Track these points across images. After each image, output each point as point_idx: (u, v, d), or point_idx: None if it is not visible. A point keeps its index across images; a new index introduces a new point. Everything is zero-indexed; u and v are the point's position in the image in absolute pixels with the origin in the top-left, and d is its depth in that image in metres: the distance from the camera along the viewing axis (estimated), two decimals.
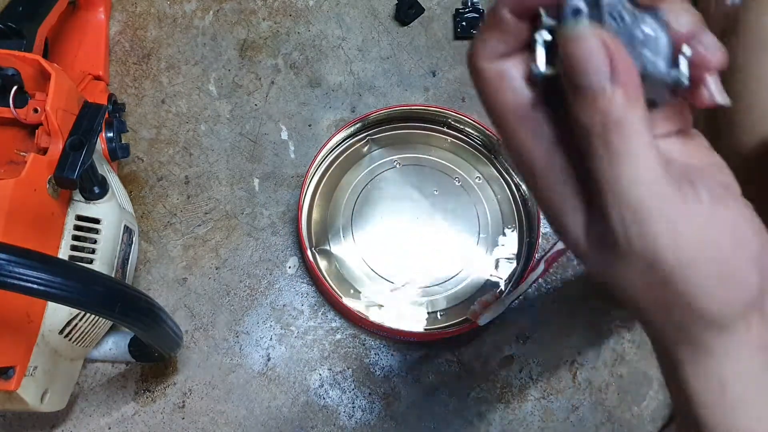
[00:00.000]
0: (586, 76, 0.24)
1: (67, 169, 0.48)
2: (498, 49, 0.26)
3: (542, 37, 0.25)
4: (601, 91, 0.23)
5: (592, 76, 0.23)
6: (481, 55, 0.27)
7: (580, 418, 0.66)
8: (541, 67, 0.25)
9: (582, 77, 0.24)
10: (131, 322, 0.45)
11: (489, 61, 0.26)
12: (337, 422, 0.64)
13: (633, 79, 0.24)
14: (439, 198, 0.70)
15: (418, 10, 0.78)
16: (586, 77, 0.24)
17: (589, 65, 0.23)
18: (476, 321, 0.63)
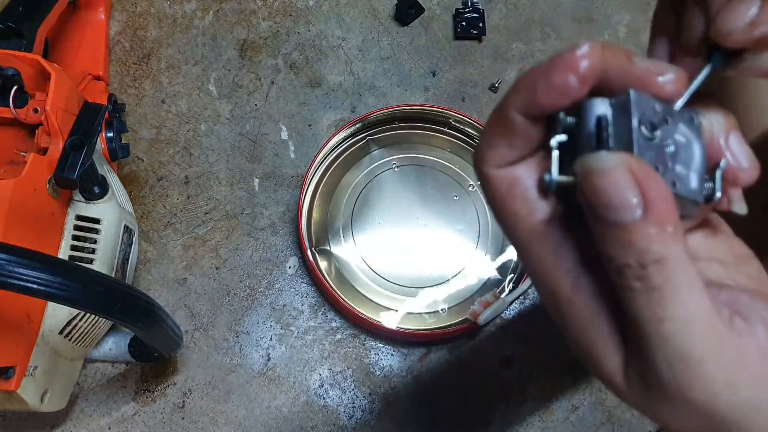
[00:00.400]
0: (615, 210, 0.20)
1: (67, 169, 0.48)
2: (508, 156, 0.23)
3: (557, 140, 0.22)
4: (635, 227, 0.20)
5: (623, 211, 0.20)
6: (488, 162, 0.23)
7: (580, 418, 0.66)
8: (554, 175, 0.22)
9: (610, 212, 0.20)
10: (131, 322, 0.45)
11: (498, 168, 0.23)
12: (337, 422, 0.64)
13: (671, 211, 0.20)
14: (439, 198, 0.70)
15: (418, 10, 0.78)
16: (614, 212, 0.20)
17: (619, 199, 0.20)
18: (476, 321, 0.63)
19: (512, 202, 0.23)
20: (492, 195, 0.24)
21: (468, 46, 0.78)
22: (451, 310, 0.67)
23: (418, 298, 0.67)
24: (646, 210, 0.20)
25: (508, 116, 0.23)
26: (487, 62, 0.77)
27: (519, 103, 0.22)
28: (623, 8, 0.81)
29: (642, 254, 0.20)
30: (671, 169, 0.22)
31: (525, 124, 0.23)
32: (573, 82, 0.21)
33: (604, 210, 0.20)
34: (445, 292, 0.67)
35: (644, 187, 0.20)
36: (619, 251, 0.20)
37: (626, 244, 0.20)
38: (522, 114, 0.22)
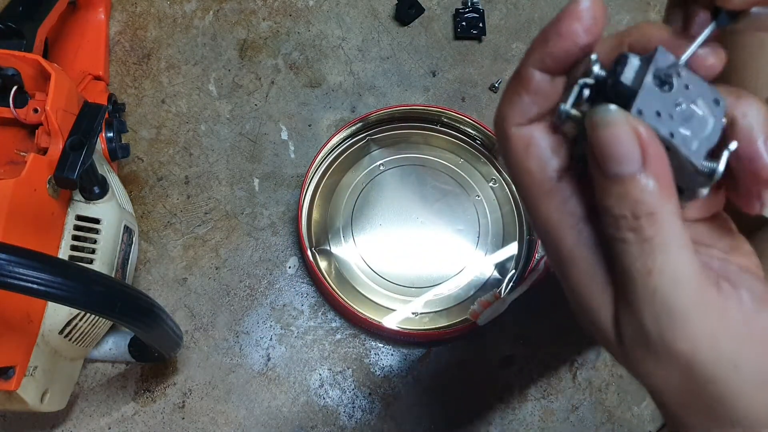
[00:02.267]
0: (617, 163, 0.22)
1: (67, 169, 0.48)
2: (527, 112, 0.25)
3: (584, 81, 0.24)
4: (631, 180, 0.22)
5: (623, 163, 0.22)
6: (509, 119, 0.25)
7: (580, 418, 0.66)
8: (568, 106, 0.24)
9: (612, 164, 0.22)
10: (131, 322, 0.45)
11: (518, 126, 0.25)
12: (337, 422, 0.64)
13: (666, 170, 0.22)
14: (438, 198, 0.70)
15: (418, 10, 0.78)
16: (616, 164, 0.22)
17: (620, 152, 0.22)
18: (476, 321, 0.63)
19: (527, 160, 0.25)
20: (510, 153, 0.25)
21: (468, 46, 0.78)
22: (451, 310, 0.67)
23: (418, 298, 0.67)
24: (644, 165, 0.22)
25: (526, 73, 0.24)
26: (487, 62, 0.77)
27: (535, 59, 0.24)
28: (623, 8, 0.81)
29: (636, 205, 0.22)
30: (676, 123, 0.23)
31: (542, 79, 0.24)
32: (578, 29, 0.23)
33: (606, 161, 0.22)
34: (445, 292, 0.67)
35: (644, 144, 0.22)
36: (615, 202, 0.22)
37: (623, 195, 0.22)
38: (538, 69, 0.24)
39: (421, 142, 0.73)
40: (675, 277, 0.22)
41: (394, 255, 0.68)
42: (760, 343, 0.23)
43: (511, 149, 0.25)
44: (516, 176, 0.25)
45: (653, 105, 0.23)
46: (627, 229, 0.22)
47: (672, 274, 0.22)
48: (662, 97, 0.23)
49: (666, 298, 0.22)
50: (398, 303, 0.67)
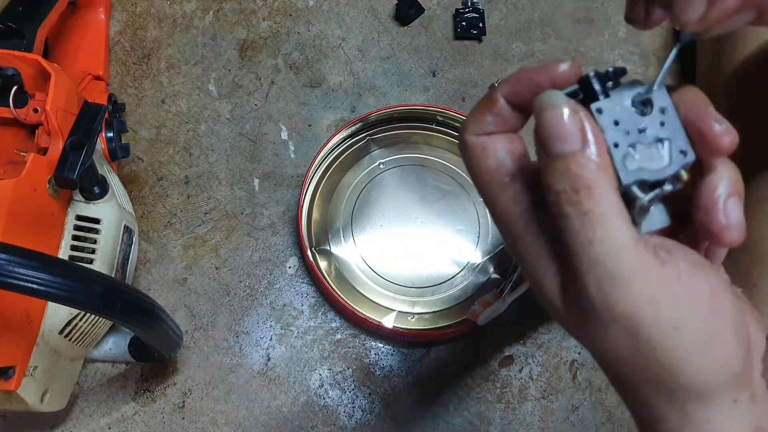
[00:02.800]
0: (559, 141, 0.24)
1: (67, 169, 0.48)
2: (485, 127, 0.28)
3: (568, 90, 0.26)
4: (571, 155, 0.24)
5: (564, 141, 0.24)
6: (469, 130, 0.28)
7: (580, 418, 0.66)
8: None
9: (554, 143, 0.24)
10: (131, 322, 0.45)
11: (475, 136, 0.28)
12: (337, 422, 0.64)
13: (602, 148, 0.24)
14: (438, 198, 0.70)
15: (418, 10, 0.78)
16: (558, 143, 0.24)
17: (562, 131, 0.24)
18: (476, 321, 0.63)
19: (485, 159, 0.28)
20: (469, 156, 0.29)
21: (468, 46, 0.78)
22: (451, 310, 0.67)
23: (418, 298, 0.67)
24: (583, 144, 0.24)
25: (494, 96, 0.28)
26: (487, 62, 0.77)
27: (504, 89, 0.28)
28: (623, 8, 0.81)
29: (575, 180, 0.24)
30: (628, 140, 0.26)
31: (505, 106, 0.28)
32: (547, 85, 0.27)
33: (548, 140, 0.24)
34: (445, 292, 0.67)
35: (583, 125, 0.24)
36: (557, 178, 0.24)
37: (563, 171, 0.24)
38: (505, 97, 0.28)
39: (421, 142, 0.73)
40: (614, 245, 0.24)
41: (394, 255, 0.68)
42: (698, 305, 0.25)
43: (470, 153, 0.28)
44: (476, 175, 0.29)
45: (616, 114, 0.25)
46: (568, 203, 0.24)
47: (611, 244, 0.24)
48: (630, 114, 0.26)
49: (606, 265, 0.24)
50: (398, 303, 0.67)
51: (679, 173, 0.26)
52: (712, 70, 0.68)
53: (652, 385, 0.26)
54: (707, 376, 0.25)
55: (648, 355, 0.25)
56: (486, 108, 0.28)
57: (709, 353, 0.25)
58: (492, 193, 0.28)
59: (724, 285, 0.26)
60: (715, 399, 0.25)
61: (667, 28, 0.80)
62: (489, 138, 0.28)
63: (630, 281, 0.24)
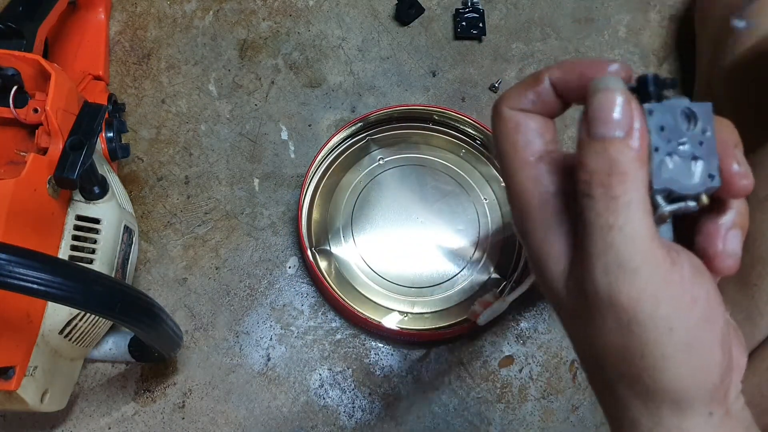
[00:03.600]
0: (604, 124, 0.24)
1: (67, 169, 0.48)
2: (524, 103, 0.28)
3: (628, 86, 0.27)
4: (615, 140, 0.24)
5: (609, 125, 0.24)
6: (507, 102, 0.29)
7: (580, 418, 0.66)
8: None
9: (600, 125, 0.24)
10: (131, 322, 0.45)
11: (511, 109, 0.28)
12: (337, 422, 0.64)
13: (645, 140, 0.25)
14: (439, 198, 0.70)
15: (418, 10, 0.78)
16: (603, 125, 0.24)
17: (611, 115, 0.24)
18: (476, 321, 0.63)
19: (515, 134, 0.28)
20: (500, 127, 0.29)
21: (468, 46, 0.78)
22: (451, 310, 0.67)
23: (418, 298, 0.67)
24: (627, 132, 0.24)
25: (541, 76, 0.28)
26: (487, 62, 0.77)
27: (554, 73, 0.28)
28: (623, 8, 0.81)
29: (612, 163, 0.24)
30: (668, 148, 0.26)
31: (548, 88, 0.28)
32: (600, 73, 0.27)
33: (595, 122, 0.25)
34: (446, 292, 0.67)
35: (633, 115, 0.25)
36: (593, 157, 0.24)
37: (601, 152, 0.24)
38: (551, 80, 0.28)
39: (421, 142, 0.73)
40: (632, 235, 0.24)
41: (394, 255, 0.68)
42: (693, 309, 0.25)
43: (502, 124, 0.29)
44: (502, 148, 0.29)
45: (664, 120, 0.26)
46: (598, 184, 0.24)
47: (630, 233, 0.24)
48: (675, 124, 0.26)
49: (620, 252, 0.24)
50: (398, 303, 0.67)
51: (701, 195, 0.26)
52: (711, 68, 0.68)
53: (631, 385, 0.26)
54: (687, 382, 0.25)
55: (635, 350, 0.25)
56: (530, 85, 0.28)
57: (694, 358, 0.25)
58: (514, 168, 0.28)
59: (719, 297, 0.26)
60: (691, 408, 0.25)
61: (667, 28, 0.80)
62: (524, 114, 0.28)
63: (638, 273, 0.24)
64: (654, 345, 0.24)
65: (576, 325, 0.27)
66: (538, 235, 0.27)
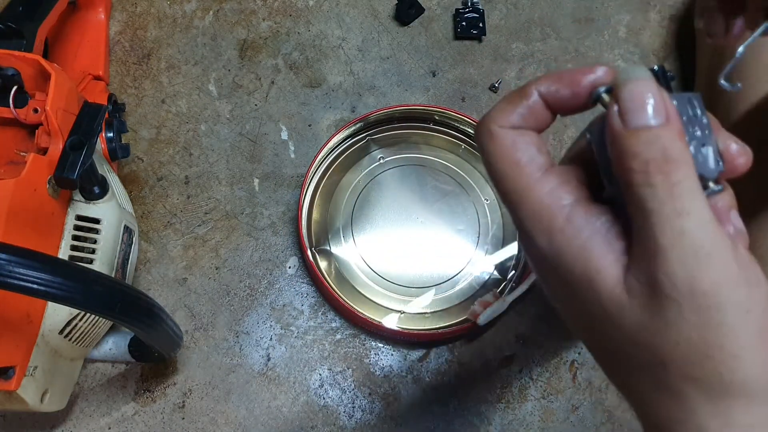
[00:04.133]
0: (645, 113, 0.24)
1: (67, 169, 0.48)
2: (514, 121, 0.27)
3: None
4: (661, 127, 0.24)
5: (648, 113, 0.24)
6: (496, 121, 0.27)
7: (580, 418, 0.66)
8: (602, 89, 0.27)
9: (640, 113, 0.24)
10: (131, 322, 0.45)
11: (504, 128, 0.27)
12: (337, 422, 0.64)
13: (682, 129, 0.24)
14: (439, 198, 0.70)
15: (418, 10, 0.78)
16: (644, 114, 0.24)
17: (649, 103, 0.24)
18: (476, 321, 0.63)
19: (515, 152, 0.27)
20: (495, 147, 0.27)
21: (468, 46, 0.78)
22: (451, 310, 0.67)
23: (418, 298, 0.67)
24: (667, 118, 0.24)
25: (528, 90, 0.27)
26: (487, 62, 0.77)
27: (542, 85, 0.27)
28: (623, 8, 0.81)
29: (664, 150, 0.23)
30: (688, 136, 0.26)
31: (538, 101, 0.27)
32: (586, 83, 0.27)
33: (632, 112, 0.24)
34: (446, 292, 0.67)
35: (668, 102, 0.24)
36: (643, 147, 0.24)
37: (652, 141, 0.24)
38: (540, 93, 0.27)
39: (421, 142, 0.73)
40: (702, 219, 0.23)
41: (394, 255, 0.68)
42: (759, 291, 0.24)
43: (496, 144, 0.27)
44: (501, 170, 0.27)
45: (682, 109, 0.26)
46: (657, 172, 0.23)
47: (699, 217, 0.23)
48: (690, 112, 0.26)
49: (693, 238, 0.23)
50: (398, 303, 0.67)
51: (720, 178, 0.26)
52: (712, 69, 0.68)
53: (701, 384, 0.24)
54: (761, 370, 0.24)
55: (714, 342, 0.23)
56: (518, 101, 0.27)
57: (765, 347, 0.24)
58: (523, 188, 0.27)
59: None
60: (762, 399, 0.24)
61: (667, 28, 0.80)
62: (517, 131, 0.27)
63: (713, 258, 0.23)
64: (733, 333, 0.23)
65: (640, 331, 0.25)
66: (577, 250, 0.26)
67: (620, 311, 0.25)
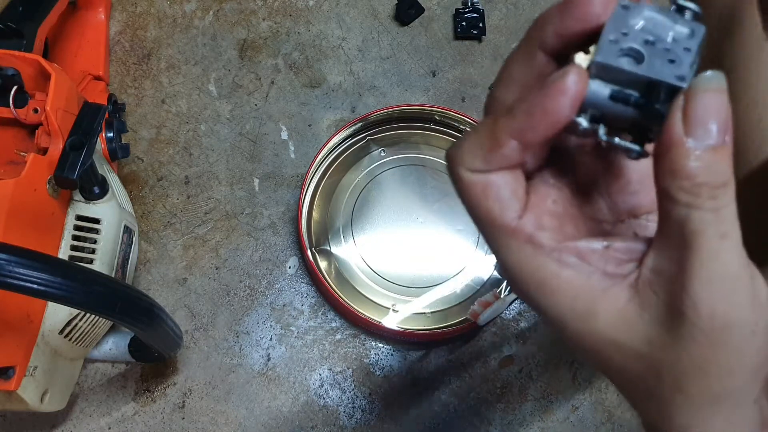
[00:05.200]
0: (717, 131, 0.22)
1: (67, 169, 0.48)
2: (484, 167, 0.25)
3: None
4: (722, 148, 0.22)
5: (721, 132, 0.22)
6: (465, 164, 0.25)
7: (580, 418, 0.66)
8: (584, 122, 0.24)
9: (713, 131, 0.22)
10: (131, 322, 0.45)
11: (472, 173, 0.25)
12: (337, 422, 0.64)
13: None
14: (438, 198, 0.70)
15: (418, 10, 0.78)
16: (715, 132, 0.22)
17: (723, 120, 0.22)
18: (476, 321, 0.63)
19: (485, 201, 0.25)
20: (465, 194, 0.26)
21: (468, 46, 0.78)
22: (451, 310, 0.67)
23: (418, 298, 0.67)
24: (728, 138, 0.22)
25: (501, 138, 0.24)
26: (487, 62, 0.77)
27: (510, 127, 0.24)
28: None
29: (719, 175, 0.22)
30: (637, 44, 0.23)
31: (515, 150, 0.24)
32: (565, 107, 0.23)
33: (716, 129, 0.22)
34: (445, 292, 0.67)
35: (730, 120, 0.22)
36: (702, 171, 0.22)
37: (711, 164, 0.22)
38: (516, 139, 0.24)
39: (421, 142, 0.73)
40: (737, 242, 0.23)
41: (394, 255, 0.68)
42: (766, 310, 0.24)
43: (466, 191, 0.25)
44: (475, 217, 0.26)
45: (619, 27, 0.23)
46: (707, 196, 0.22)
47: (735, 240, 0.23)
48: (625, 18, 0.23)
49: (726, 262, 0.23)
50: (398, 303, 0.67)
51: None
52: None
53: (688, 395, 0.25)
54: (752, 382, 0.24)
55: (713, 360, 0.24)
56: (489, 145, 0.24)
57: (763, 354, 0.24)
58: (499, 239, 0.25)
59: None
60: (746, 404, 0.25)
61: None
62: (490, 176, 0.25)
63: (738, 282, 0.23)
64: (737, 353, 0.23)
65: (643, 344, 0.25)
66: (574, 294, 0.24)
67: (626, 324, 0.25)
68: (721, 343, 0.23)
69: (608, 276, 0.25)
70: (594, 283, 0.25)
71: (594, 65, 0.23)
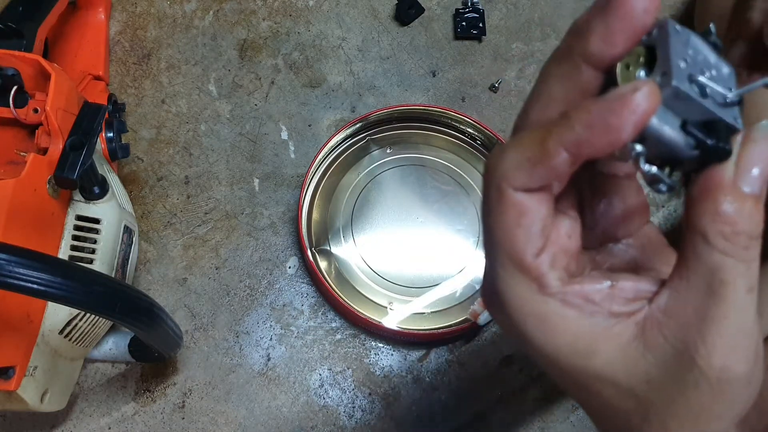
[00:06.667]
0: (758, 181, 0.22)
1: (67, 169, 0.48)
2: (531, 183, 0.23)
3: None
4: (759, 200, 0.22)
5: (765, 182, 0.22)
6: (510, 180, 0.23)
7: (580, 418, 0.66)
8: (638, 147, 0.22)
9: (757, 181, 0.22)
10: (131, 322, 0.45)
11: (515, 191, 0.23)
12: (337, 422, 0.64)
13: None
14: (438, 198, 0.70)
15: (418, 10, 0.78)
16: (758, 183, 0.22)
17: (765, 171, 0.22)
18: (476, 321, 0.63)
19: (515, 228, 0.23)
20: (497, 212, 0.24)
21: (468, 46, 0.78)
22: (451, 310, 0.67)
23: (417, 298, 0.67)
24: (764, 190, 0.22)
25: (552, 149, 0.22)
26: (487, 62, 0.77)
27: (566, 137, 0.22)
28: None
29: (757, 225, 0.22)
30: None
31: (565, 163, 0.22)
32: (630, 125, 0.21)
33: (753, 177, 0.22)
34: (445, 292, 0.67)
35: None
36: (744, 219, 0.22)
37: (753, 214, 0.22)
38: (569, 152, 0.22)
39: (421, 142, 0.73)
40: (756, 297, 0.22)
41: (394, 255, 0.68)
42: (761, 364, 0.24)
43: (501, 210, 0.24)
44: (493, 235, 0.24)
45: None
46: (742, 247, 0.22)
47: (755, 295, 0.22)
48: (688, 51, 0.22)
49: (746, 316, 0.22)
50: (398, 303, 0.67)
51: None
52: None
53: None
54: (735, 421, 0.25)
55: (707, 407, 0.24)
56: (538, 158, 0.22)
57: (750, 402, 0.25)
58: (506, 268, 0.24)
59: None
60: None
61: None
62: (531, 197, 0.23)
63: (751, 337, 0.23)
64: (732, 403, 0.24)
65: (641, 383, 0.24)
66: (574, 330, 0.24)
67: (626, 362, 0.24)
68: (720, 393, 0.23)
69: (613, 315, 0.24)
70: (598, 321, 0.24)
71: (671, 89, 0.21)
